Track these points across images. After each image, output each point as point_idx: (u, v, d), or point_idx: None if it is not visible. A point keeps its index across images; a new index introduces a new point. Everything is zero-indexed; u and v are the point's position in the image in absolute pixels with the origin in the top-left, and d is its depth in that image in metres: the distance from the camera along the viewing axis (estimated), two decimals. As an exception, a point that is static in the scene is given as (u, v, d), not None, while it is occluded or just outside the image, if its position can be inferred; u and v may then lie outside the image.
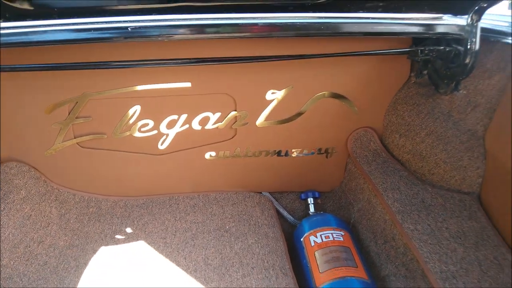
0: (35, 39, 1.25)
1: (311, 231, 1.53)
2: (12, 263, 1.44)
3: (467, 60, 1.41)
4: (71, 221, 1.69)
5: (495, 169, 1.39)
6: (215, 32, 1.38)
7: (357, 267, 1.33)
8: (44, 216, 1.63)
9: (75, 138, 1.69)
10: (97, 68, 1.52)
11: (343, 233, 1.49)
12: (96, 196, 1.81)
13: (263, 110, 1.70)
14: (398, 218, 1.38)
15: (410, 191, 1.48)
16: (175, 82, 1.61)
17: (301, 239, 1.53)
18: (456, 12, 1.40)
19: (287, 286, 1.29)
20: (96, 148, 1.73)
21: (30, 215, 1.59)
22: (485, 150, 1.44)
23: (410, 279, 1.30)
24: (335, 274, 1.31)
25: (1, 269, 1.40)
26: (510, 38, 1.37)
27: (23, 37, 1.26)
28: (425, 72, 1.65)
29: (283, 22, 1.38)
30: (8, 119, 1.60)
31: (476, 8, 1.34)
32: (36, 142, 1.67)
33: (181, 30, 1.35)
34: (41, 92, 1.56)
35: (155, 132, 1.73)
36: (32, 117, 1.61)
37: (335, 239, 1.46)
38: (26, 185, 1.64)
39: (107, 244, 1.58)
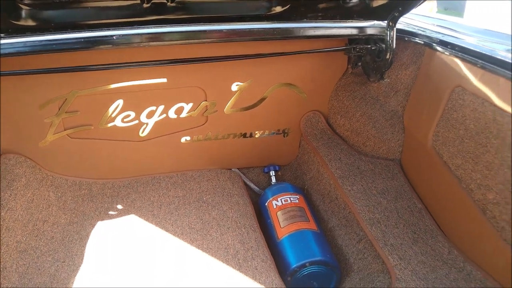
0: (38, 49, 1.50)
1: (273, 197, 1.89)
2: (24, 239, 1.70)
3: (388, 56, 1.80)
4: (68, 202, 1.95)
5: (409, 139, 1.82)
6: (187, 39, 1.68)
7: (309, 221, 1.72)
8: (44, 199, 1.88)
9: (65, 130, 1.92)
10: (85, 71, 1.76)
11: (298, 197, 1.87)
12: (87, 180, 2.07)
13: (229, 100, 2.01)
14: (339, 182, 1.77)
15: (348, 161, 1.88)
16: (153, 78, 1.88)
17: (266, 204, 1.90)
18: (378, 19, 1.78)
19: (256, 239, 1.65)
20: (84, 138, 1.98)
21: (33, 199, 1.83)
22: (404, 126, 1.86)
23: (348, 227, 1.70)
24: (292, 227, 1.69)
25: (17, 244, 1.66)
26: (417, 38, 1.76)
27: (25, 48, 1.49)
28: (359, 64, 2.04)
29: (243, 29, 1.69)
30: (5, 115, 1.81)
31: (391, 16, 1.71)
32: (31, 135, 1.89)
33: (158, 38, 1.64)
34: (35, 91, 1.77)
35: (136, 122, 1.99)
36: (27, 113, 1.82)
37: (292, 201, 1.83)
38: (25, 174, 1.87)
39: (102, 219, 1.86)
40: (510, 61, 1.28)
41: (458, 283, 1.37)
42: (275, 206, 1.83)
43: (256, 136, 2.18)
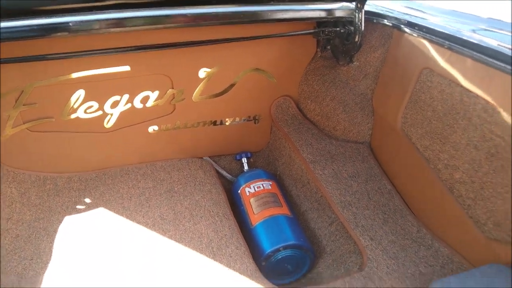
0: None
1: (246, 184, 1.88)
2: (-14, 239, 1.62)
3: (357, 38, 1.79)
4: (32, 198, 1.86)
5: (379, 122, 1.83)
6: (149, 24, 1.61)
7: (282, 207, 1.71)
8: (6, 196, 1.79)
9: (24, 123, 1.82)
10: (41, 60, 1.66)
11: (271, 183, 1.86)
12: (51, 174, 1.98)
13: (197, 87, 1.96)
14: (311, 166, 1.78)
15: (319, 145, 1.89)
16: (115, 66, 1.80)
17: (239, 191, 1.88)
18: (345, 0, 1.76)
19: (229, 227, 1.64)
20: (46, 131, 1.88)
21: (-7, 196, 1.74)
22: (373, 109, 1.87)
23: (321, 210, 1.71)
24: (265, 213, 1.68)
25: (-23, 245, 1.58)
26: (386, 20, 1.76)
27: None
28: (328, 47, 2.02)
29: (209, 12, 1.64)
30: None
31: (359, -3, 1.70)
32: None
33: (119, 24, 1.56)
34: None
35: (100, 112, 1.91)
36: None
37: (264, 188, 1.82)
38: (-17, 171, 1.77)
39: (70, 214, 1.79)
40: (476, 42, 1.29)
41: (427, 260, 1.42)
42: (248, 193, 1.82)
43: (227, 123, 2.14)
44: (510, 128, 1.17)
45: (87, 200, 1.88)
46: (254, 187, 1.83)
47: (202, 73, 1.93)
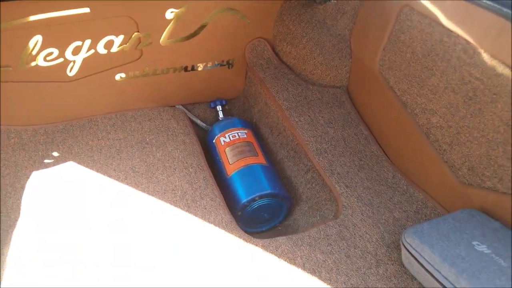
0: None
1: (221, 133, 1.82)
2: None
3: (335, -27, 1.66)
4: (-5, 153, 1.77)
5: (356, 65, 1.76)
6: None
7: (257, 156, 1.68)
8: (-34, 152, 1.70)
9: None
10: None
11: (246, 132, 1.80)
12: (15, 127, 1.87)
13: (164, 29, 1.82)
14: (286, 114, 1.72)
15: (296, 91, 1.81)
16: (73, 8, 1.64)
17: (213, 141, 1.83)
18: None
19: (204, 178, 1.60)
20: (4, 81, 1.75)
21: (-48, 154, 1.65)
22: (351, 50, 1.78)
23: (297, 158, 1.69)
24: (241, 163, 1.65)
25: None
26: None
27: None
28: (305, -17, 1.88)
29: None
30: None
31: None
32: None
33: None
34: None
35: (61, 60, 1.77)
36: None
37: (240, 137, 1.77)
38: None
39: (37, 169, 1.72)
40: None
41: (401, 205, 1.42)
42: (223, 143, 1.77)
43: (199, 69, 2.02)
44: (489, 70, 1.12)
45: (55, 154, 1.80)
46: (229, 136, 1.78)
47: (170, 14, 1.77)
